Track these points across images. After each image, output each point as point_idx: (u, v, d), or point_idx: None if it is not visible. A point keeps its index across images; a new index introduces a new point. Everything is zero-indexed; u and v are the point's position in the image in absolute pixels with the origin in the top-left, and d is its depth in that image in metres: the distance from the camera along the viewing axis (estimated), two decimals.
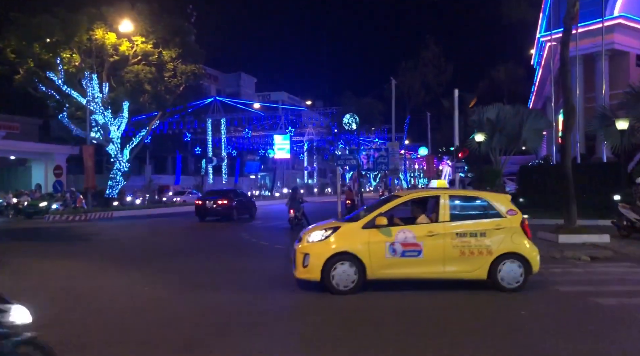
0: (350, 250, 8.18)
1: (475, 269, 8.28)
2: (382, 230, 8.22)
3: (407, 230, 8.29)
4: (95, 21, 30.31)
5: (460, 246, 8.23)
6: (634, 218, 14.29)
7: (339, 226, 8.53)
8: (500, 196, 9.25)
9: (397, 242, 8.17)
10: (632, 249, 12.74)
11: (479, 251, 8.24)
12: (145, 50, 31.94)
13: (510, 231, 8.39)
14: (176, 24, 33.25)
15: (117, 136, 33.33)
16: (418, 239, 8.21)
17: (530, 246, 8.45)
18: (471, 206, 9.02)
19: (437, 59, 38.04)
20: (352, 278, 8.11)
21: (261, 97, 75.08)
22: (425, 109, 43.21)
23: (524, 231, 8.48)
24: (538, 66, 46.87)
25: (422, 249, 8.19)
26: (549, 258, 12.18)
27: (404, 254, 8.19)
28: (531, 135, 23.51)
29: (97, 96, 31.64)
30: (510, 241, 8.34)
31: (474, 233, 8.29)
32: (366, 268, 8.14)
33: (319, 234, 8.47)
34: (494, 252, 8.26)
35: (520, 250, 8.34)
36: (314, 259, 8.19)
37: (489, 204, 8.67)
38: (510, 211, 8.59)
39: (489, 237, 8.30)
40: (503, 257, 8.29)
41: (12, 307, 3.92)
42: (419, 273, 8.29)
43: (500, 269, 8.29)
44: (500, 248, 8.29)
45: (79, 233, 19.99)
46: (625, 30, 31.90)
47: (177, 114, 41.55)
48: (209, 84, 66.10)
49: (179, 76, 33.27)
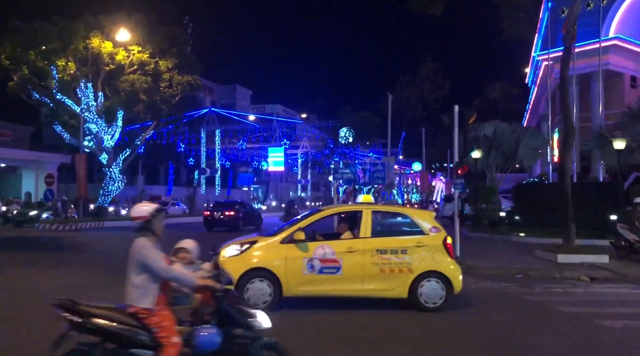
0: (266, 266, 7.84)
1: (395, 287, 7.97)
2: (300, 245, 7.91)
3: (327, 246, 7.99)
4: (92, 30, 30.16)
5: (380, 263, 7.93)
6: (632, 238, 14.19)
7: (256, 241, 8.22)
8: (425, 213, 9.13)
9: (316, 258, 7.85)
10: (631, 270, 12.64)
11: (400, 269, 7.94)
12: (142, 59, 31.80)
13: (432, 249, 8.11)
14: (173, 35, 33.16)
15: (111, 145, 33.05)
16: (337, 256, 7.90)
17: (452, 265, 8.17)
18: (394, 222, 8.88)
19: (434, 75, 38.24)
20: (267, 295, 7.74)
21: (256, 110, 75.06)
22: (421, 124, 43.39)
23: (446, 250, 8.20)
24: (533, 84, 47.23)
25: (341, 266, 7.87)
26: (549, 277, 12.09)
27: (322, 271, 7.86)
28: (527, 153, 23.51)
29: (91, 104, 31.39)
30: (432, 259, 8.05)
31: (394, 250, 7.99)
32: (282, 285, 7.78)
33: (234, 249, 8.13)
34: (414, 270, 7.96)
35: (441, 269, 8.05)
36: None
37: (412, 221, 8.43)
38: (433, 228, 8.31)
39: (410, 254, 8.00)
40: (424, 275, 7.99)
41: (258, 313, 4.36)
42: (337, 290, 7.98)
43: (420, 288, 7.98)
44: (422, 266, 7.99)
45: (70, 243, 19.64)
46: (620, 51, 32.22)
47: (172, 125, 41.36)
48: (204, 95, 66.00)
49: (175, 86, 33.13)
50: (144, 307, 4.05)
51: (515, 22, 17.09)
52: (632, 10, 32.03)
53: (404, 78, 36.96)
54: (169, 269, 4.14)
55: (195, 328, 4.22)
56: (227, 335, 4.21)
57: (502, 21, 17.44)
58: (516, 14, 16.78)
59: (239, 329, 4.30)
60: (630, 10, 31.94)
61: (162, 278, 4.11)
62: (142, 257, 4.04)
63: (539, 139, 24.91)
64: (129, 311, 4.08)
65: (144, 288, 4.06)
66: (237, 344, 4.27)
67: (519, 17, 17.14)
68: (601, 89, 29.08)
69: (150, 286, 4.08)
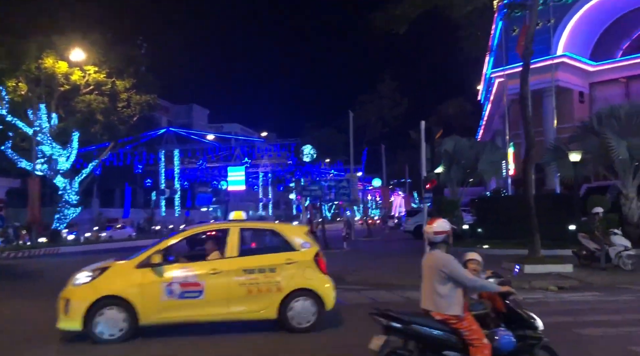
0: (118, 293, 7.20)
1: (264, 308, 7.52)
2: (157, 269, 7.32)
3: (188, 268, 7.48)
4: (45, 50, 29.32)
5: (247, 283, 7.47)
6: (593, 247, 14.69)
7: (108, 266, 7.57)
8: (296, 228, 8.70)
9: (175, 282, 7.29)
10: (595, 278, 13.05)
11: (268, 288, 7.49)
12: (98, 79, 31.14)
13: (302, 266, 7.71)
14: (130, 54, 32.66)
15: (66, 167, 32.01)
16: (199, 278, 7.37)
17: (324, 282, 7.80)
18: (263, 240, 8.64)
19: (393, 93, 38.94)
20: (120, 324, 7.15)
21: (214, 129, 74.43)
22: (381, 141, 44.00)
23: (317, 266, 7.81)
24: (487, 101, 48.73)
25: (203, 289, 7.34)
26: (519, 288, 12.31)
27: (182, 296, 7.30)
28: (487, 167, 24.17)
29: (45, 126, 30.38)
30: (302, 276, 7.66)
31: (262, 268, 7.54)
32: (138, 313, 7.18)
33: (85, 276, 7.48)
34: (284, 289, 7.53)
35: (312, 286, 7.68)
36: (75, 304, 7.12)
37: (282, 237, 8.01)
38: (304, 243, 7.92)
39: (280, 272, 7.56)
40: (294, 294, 7.58)
41: (535, 316, 4.89)
42: (200, 315, 7.46)
43: (290, 308, 7.56)
44: (291, 284, 7.58)
45: (23, 271, 18.76)
46: (567, 68, 33.72)
47: (129, 145, 40.51)
48: (160, 115, 65.01)
49: (133, 106, 32.57)
50: (453, 314, 4.48)
51: (475, 41, 17.63)
52: (577, 29, 33.66)
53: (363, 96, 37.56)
54: (475, 279, 4.61)
55: (493, 330, 4.67)
56: (520, 337, 4.69)
57: (462, 40, 17.95)
58: (476, 33, 17.35)
59: (529, 330, 4.78)
60: (576, 28, 33.56)
61: (468, 287, 4.56)
62: (450, 269, 4.46)
63: (497, 153, 25.70)
64: (437, 318, 4.52)
65: (450, 297, 4.48)
66: (527, 344, 4.74)
67: (478, 36, 17.73)
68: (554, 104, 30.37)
69: (455, 294, 4.50)
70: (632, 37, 35.76)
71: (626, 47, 35.92)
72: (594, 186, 25.52)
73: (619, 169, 17.49)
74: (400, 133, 42.60)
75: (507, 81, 32.02)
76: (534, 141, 15.42)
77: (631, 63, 33.68)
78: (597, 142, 17.65)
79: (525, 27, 26.56)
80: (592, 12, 33.16)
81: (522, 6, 17.24)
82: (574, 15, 33.13)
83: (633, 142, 16.76)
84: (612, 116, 17.99)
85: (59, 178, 31.81)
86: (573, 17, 33.15)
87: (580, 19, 33.42)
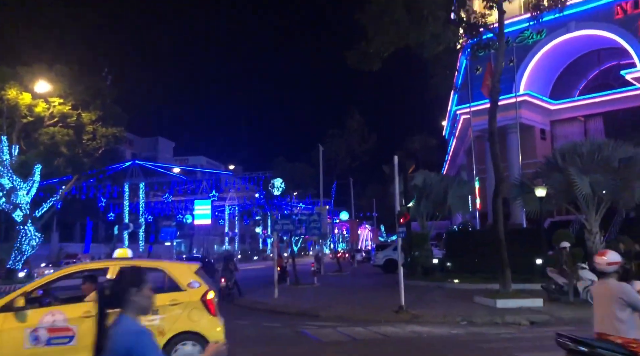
0: None
1: None
2: (19, 314, 6.71)
3: (57, 312, 6.87)
4: (9, 81, 28.67)
5: None
6: (562, 281, 14.95)
7: None
8: (183, 266, 8.15)
9: (42, 327, 6.68)
10: (566, 312, 13.24)
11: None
12: (63, 111, 30.48)
13: (188, 306, 7.20)
14: (96, 86, 32.24)
15: (27, 201, 30.86)
16: (71, 322, 6.77)
17: (212, 324, 7.26)
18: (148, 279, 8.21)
19: (361, 129, 39.50)
20: None
21: (179, 162, 73.72)
22: (350, 175, 44.28)
23: (206, 306, 7.28)
24: (452, 136, 49.88)
25: (75, 334, 6.73)
26: (492, 323, 12.42)
27: (50, 342, 6.68)
28: (455, 201, 24.54)
29: (5, 158, 29.40)
30: (188, 318, 7.16)
31: None
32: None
33: None
34: (166, 332, 6.98)
35: (198, 329, 7.14)
36: None
37: (167, 276, 7.49)
38: (192, 283, 7.40)
39: (163, 314, 7.02)
40: (179, 338, 7.07)
41: None
42: None
43: (175, 351, 7.05)
44: (175, 326, 7.06)
45: None
46: (530, 106, 34.92)
47: (93, 178, 39.55)
48: (125, 147, 64.01)
49: (99, 138, 31.92)
50: (634, 337, 4.81)
51: (443, 79, 18.12)
52: (537, 69, 35.04)
53: (332, 131, 37.99)
54: None
55: None
56: None
57: (430, 77, 18.41)
58: (444, 71, 17.85)
59: None
60: (536, 68, 34.93)
61: None
62: (628, 296, 4.83)
63: (465, 187, 26.15)
64: (617, 341, 4.82)
65: (630, 321, 4.84)
66: None
67: (446, 74, 18.24)
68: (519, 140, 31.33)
69: (634, 319, 4.86)
70: (588, 78, 37.41)
71: (582, 87, 37.52)
72: (557, 220, 26.17)
73: (582, 204, 17.98)
74: (369, 167, 43.10)
75: (472, 118, 32.92)
76: (504, 176, 15.77)
77: (588, 103, 35.11)
78: (561, 178, 18.13)
79: (489, 66, 27.74)
80: (551, 53, 34.64)
81: (487, 46, 17.84)
82: (535, 56, 34.51)
83: (595, 178, 17.27)
84: (575, 152, 18.55)
85: (18, 212, 30.64)
86: (533, 57, 34.52)
87: (541, 60, 34.83)
